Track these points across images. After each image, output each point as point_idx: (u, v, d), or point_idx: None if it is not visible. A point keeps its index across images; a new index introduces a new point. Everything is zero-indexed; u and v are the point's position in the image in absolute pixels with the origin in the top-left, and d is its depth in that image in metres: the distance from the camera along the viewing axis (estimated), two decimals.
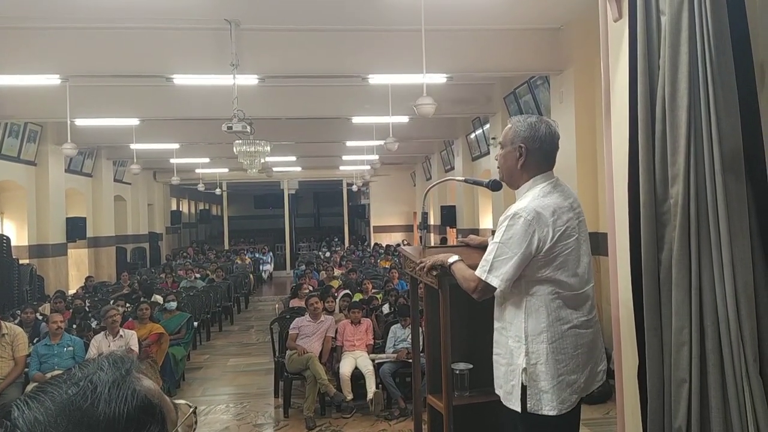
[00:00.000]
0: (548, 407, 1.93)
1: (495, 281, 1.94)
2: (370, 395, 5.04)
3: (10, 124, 9.02)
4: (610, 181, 2.53)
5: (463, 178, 2.52)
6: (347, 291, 7.49)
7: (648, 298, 2.08)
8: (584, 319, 2.01)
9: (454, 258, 2.13)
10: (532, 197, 1.99)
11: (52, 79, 6.30)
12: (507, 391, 2.01)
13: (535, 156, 2.03)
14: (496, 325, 2.10)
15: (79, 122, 8.21)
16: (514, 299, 2.00)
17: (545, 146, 2.03)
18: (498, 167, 2.14)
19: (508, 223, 1.95)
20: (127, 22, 5.69)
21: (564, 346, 1.95)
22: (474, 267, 2.07)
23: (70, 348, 5.07)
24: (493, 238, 2.05)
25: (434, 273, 2.17)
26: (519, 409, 1.95)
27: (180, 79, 6.36)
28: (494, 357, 2.09)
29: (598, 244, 5.74)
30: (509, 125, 2.09)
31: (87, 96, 7.67)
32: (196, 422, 0.82)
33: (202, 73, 6.20)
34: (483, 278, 1.96)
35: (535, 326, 1.96)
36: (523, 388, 1.94)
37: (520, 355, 1.96)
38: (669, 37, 1.91)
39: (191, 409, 0.80)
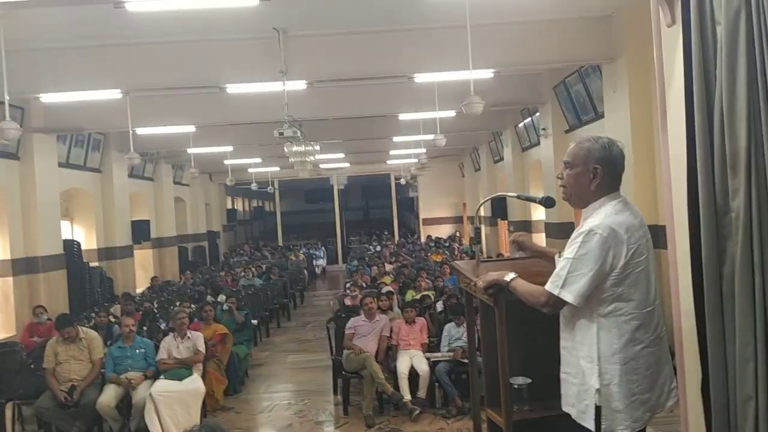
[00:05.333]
0: (621, 426, 1.94)
1: (569, 297, 1.95)
2: (421, 394, 5.14)
3: (76, 134, 9.53)
4: (668, 188, 2.48)
5: (516, 194, 2.54)
6: (390, 289, 7.53)
7: (710, 312, 2.05)
8: (653, 337, 2.00)
9: (511, 276, 2.15)
10: (605, 214, 1.98)
11: (114, 94, 6.65)
12: (581, 410, 2.02)
13: (610, 177, 2.03)
14: (563, 344, 2.11)
15: (140, 131, 8.61)
16: (584, 319, 2.00)
17: (618, 168, 2.04)
18: (563, 185, 2.12)
19: (582, 240, 1.96)
20: (180, 35, 5.92)
21: (637, 367, 1.96)
22: (533, 283, 2.08)
23: (142, 350, 5.36)
24: (563, 254, 2.06)
25: (490, 292, 2.20)
26: (594, 428, 1.96)
27: (232, 88, 6.57)
28: (562, 375, 2.11)
29: (657, 236, 5.58)
30: (578, 145, 2.08)
31: (146, 106, 8.02)
32: None
33: (253, 81, 6.39)
34: (555, 293, 1.97)
35: (608, 347, 1.96)
36: (597, 409, 1.95)
37: (592, 375, 1.97)
38: (725, 47, 1.86)
39: None
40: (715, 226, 2.01)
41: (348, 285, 8.86)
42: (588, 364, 1.99)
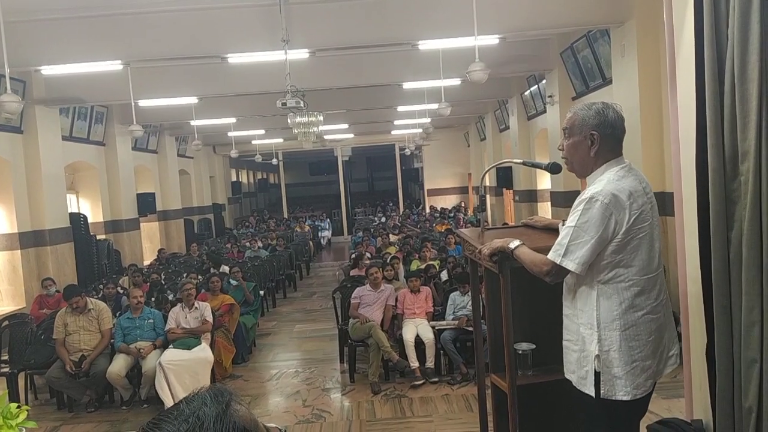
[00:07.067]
0: (622, 392, 1.95)
1: (571, 265, 1.94)
2: (429, 364, 5.19)
3: (78, 107, 9.48)
4: (677, 152, 2.44)
5: (521, 161, 2.50)
6: (395, 255, 7.57)
7: (717, 277, 2.04)
8: (655, 304, 1.99)
9: (515, 243, 2.13)
10: (607, 180, 1.96)
11: (115, 65, 6.58)
12: (581, 376, 2.03)
13: (608, 142, 2.00)
14: (565, 311, 2.11)
15: (142, 103, 8.55)
16: (585, 286, 2.00)
17: (617, 132, 2.00)
18: (564, 157, 2.10)
19: (584, 207, 1.94)
20: (180, 4, 5.82)
21: (638, 333, 1.95)
22: (539, 250, 2.07)
23: (151, 320, 5.42)
24: (565, 222, 2.04)
25: (494, 258, 2.19)
26: (594, 394, 1.97)
27: (234, 58, 6.49)
28: (564, 343, 2.12)
29: (665, 204, 5.55)
30: (573, 113, 2.05)
31: (148, 78, 7.96)
32: None
33: (255, 50, 6.29)
34: (557, 262, 1.96)
35: (608, 314, 1.96)
36: (597, 375, 1.96)
37: (592, 342, 1.97)
38: (738, 6, 1.80)
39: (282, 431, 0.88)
40: (723, 190, 1.98)
41: (353, 256, 8.90)
42: (588, 331, 1.99)
